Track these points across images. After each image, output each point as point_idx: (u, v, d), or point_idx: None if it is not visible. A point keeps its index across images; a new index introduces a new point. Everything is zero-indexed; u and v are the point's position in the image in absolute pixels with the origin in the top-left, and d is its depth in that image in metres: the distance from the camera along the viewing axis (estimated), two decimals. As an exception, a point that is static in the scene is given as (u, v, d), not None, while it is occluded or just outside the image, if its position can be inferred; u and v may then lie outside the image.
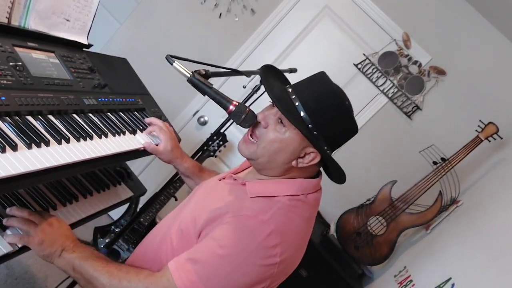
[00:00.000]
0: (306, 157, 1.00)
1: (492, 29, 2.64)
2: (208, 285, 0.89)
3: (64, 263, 0.96)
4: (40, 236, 0.96)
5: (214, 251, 0.91)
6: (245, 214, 0.95)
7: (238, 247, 0.91)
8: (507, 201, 1.89)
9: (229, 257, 0.90)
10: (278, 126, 0.99)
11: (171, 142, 1.31)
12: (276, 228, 0.93)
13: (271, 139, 0.99)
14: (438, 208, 2.38)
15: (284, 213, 0.97)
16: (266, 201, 0.98)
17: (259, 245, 0.91)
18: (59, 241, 0.97)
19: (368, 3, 2.76)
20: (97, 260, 0.96)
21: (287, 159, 1.00)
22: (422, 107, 2.76)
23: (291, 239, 0.97)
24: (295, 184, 1.02)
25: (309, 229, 1.08)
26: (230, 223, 0.94)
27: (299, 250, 1.04)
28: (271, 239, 0.92)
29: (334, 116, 0.99)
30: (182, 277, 0.89)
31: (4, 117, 0.93)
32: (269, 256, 0.92)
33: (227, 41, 2.89)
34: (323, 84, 1.01)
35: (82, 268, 0.94)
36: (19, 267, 2.27)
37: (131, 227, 2.41)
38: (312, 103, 0.97)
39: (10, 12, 1.11)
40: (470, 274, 1.65)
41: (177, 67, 1.04)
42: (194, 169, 1.38)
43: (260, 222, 0.93)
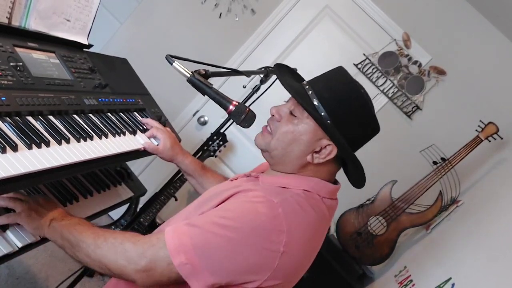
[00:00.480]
0: (323, 151, 0.95)
1: (492, 29, 2.64)
2: (200, 253, 0.82)
3: (53, 233, 0.94)
4: (27, 210, 0.97)
5: (214, 220, 0.85)
6: (255, 193, 0.90)
7: (241, 220, 0.85)
8: (508, 201, 1.89)
9: (229, 229, 0.83)
10: (291, 117, 0.97)
11: (169, 140, 1.32)
12: (284, 213, 0.86)
13: (284, 131, 0.97)
14: (438, 208, 2.38)
15: (297, 202, 0.91)
16: (277, 189, 0.94)
17: (263, 224, 0.84)
18: (47, 212, 0.97)
19: (368, 3, 2.76)
20: (83, 224, 0.94)
21: (301, 152, 0.96)
22: (422, 107, 2.76)
23: (301, 233, 0.89)
24: (310, 182, 0.97)
25: (321, 231, 0.99)
26: (237, 198, 0.90)
27: (307, 251, 0.95)
28: (277, 222, 0.85)
29: (349, 106, 0.96)
30: (174, 237, 0.84)
31: (5, 117, 0.93)
32: (272, 241, 0.84)
33: (227, 41, 2.90)
34: (339, 77, 1.00)
35: (69, 233, 0.91)
36: (20, 267, 2.27)
37: (131, 227, 2.41)
38: (325, 93, 0.95)
39: (10, 12, 1.11)
40: (470, 274, 1.65)
41: (177, 67, 1.04)
42: (196, 166, 1.37)
43: (269, 202, 0.87)
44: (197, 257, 0.82)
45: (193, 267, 0.82)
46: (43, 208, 0.99)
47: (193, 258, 0.82)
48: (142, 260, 0.84)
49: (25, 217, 0.97)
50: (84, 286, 2.38)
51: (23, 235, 1.01)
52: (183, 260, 0.82)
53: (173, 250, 0.83)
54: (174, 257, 0.82)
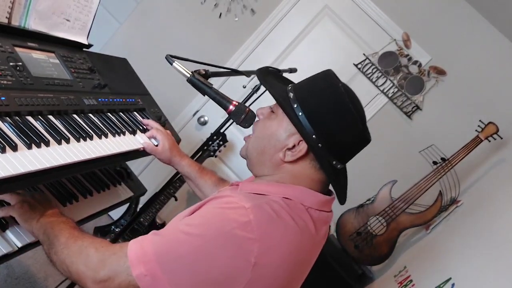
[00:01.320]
0: (295, 148, 0.90)
1: (492, 29, 2.64)
2: (161, 264, 0.75)
3: (39, 228, 0.94)
4: (21, 203, 0.98)
5: (180, 228, 0.79)
6: (227, 199, 0.83)
7: (207, 227, 0.78)
8: (507, 201, 1.89)
9: (193, 236, 0.77)
10: (270, 114, 0.97)
11: (168, 142, 1.32)
12: (256, 220, 0.78)
13: (260, 127, 0.98)
14: (438, 208, 2.38)
15: (272, 209, 0.82)
16: (253, 195, 0.87)
17: (231, 231, 0.76)
18: (39, 207, 0.98)
19: (368, 3, 2.76)
20: (66, 224, 0.93)
21: (273, 147, 0.92)
22: (422, 107, 2.76)
23: (276, 243, 0.80)
24: (294, 190, 0.89)
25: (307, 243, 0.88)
26: (209, 204, 0.84)
27: (289, 266, 0.83)
28: (248, 229, 0.76)
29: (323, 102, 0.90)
30: (137, 247, 0.78)
31: (4, 117, 0.93)
32: (241, 249, 0.76)
33: (227, 41, 2.90)
34: (321, 75, 0.97)
35: (51, 230, 0.91)
36: (19, 267, 2.27)
37: (131, 227, 2.41)
38: (301, 86, 0.95)
39: (10, 12, 1.11)
40: (470, 274, 1.65)
41: (177, 67, 1.04)
42: (193, 168, 1.37)
43: (240, 207, 0.79)
44: (158, 268, 0.75)
45: (153, 279, 0.75)
46: (37, 203, 1.00)
47: (153, 269, 0.75)
48: (102, 269, 0.79)
49: (17, 209, 0.98)
50: (83, 286, 2.38)
51: (22, 235, 1.01)
52: (143, 271, 0.75)
53: (134, 260, 0.76)
54: (134, 268, 0.76)
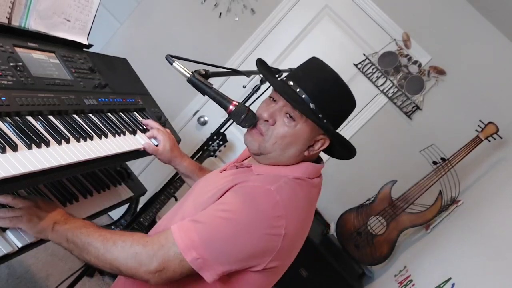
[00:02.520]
0: (316, 144, 1.03)
1: (492, 29, 2.64)
2: (208, 247, 0.88)
3: (58, 236, 0.95)
4: (27, 215, 0.96)
5: (217, 214, 0.91)
6: (251, 184, 0.95)
7: (242, 211, 0.90)
8: (507, 201, 1.89)
9: (233, 221, 0.90)
10: (287, 120, 0.99)
11: (169, 142, 1.32)
12: (281, 200, 0.92)
13: (282, 135, 1.00)
14: (438, 208, 2.38)
15: (290, 187, 0.97)
16: (272, 176, 0.99)
17: (264, 213, 0.90)
18: (48, 216, 0.97)
19: (368, 3, 2.76)
20: (89, 227, 0.95)
21: (299, 150, 1.02)
22: (422, 107, 2.76)
23: (296, 215, 0.96)
24: (301, 168, 1.03)
25: (311, 210, 1.08)
26: (236, 190, 0.95)
27: (301, 230, 1.03)
28: (277, 209, 0.91)
29: (337, 99, 1.02)
30: (182, 235, 0.89)
31: (5, 117, 0.94)
32: (274, 226, 0.91)
33: (227, 41, 2.90)
34: (321, 72, 1.05)
35: (75, 237, 0.92)
36: (20, 266, 2.27)
37: (131, 227, 2.41)
38: (317, 93, 1.00)
39: (10, 12, 1.11)
40: (470, 274, 1.65)
41: (177, 67, 1.04)
42: (194, 168, 1.38)
43: (267, 191, 0.93)
44: (206, 251, 0.88)
45: (204, 260, 0.88)
46: (43, 211, 0.98)
47: (203, 253, 0.87)
48: (154, 262, 0.88)
49: (26, 222, 0.96)
50: (84, 285, 2.38)
51: (23, 235, 1.01)
52: (195, 256, 0.87)
53: (184, 248, 0.88)
54: (186, 254, 0.87)
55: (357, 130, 2.81)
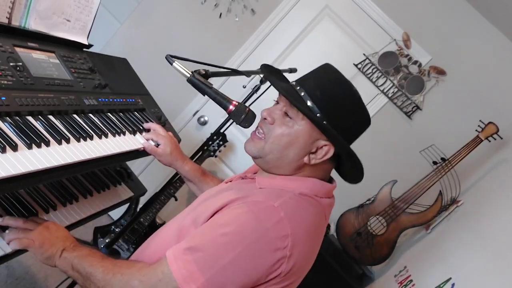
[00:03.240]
0: (319, 151, 0.95)
1: (492, 29, 2.64)
2: (208, 275, 0.81)
3: (64, 263, 0.94)
4: (40, 239, 0.95)
5: (215, 238, 0.84)
6: (253, 199, 0.88)
7: (243, 233, 0.83)
8: (507, 201, 1.89)
9: (232, 244, 0.82)
10: (285, 119, 0.96)
11: (170, 145, 1.31)
12: (286, 216, 0.84)
13: (279, 134, 0.95)
14: (438, 208, 2.38)
15: (296, 202, 0.90)
16: (276, 191, 0.92)
17: (267, 232, 0.82)
18: (59, 242, 0.96)
19: (368, 3, 2.76)
20: (93, 256, 0.93)
21: (297, 154, 0.95)
22: (422, 107, 2.76)
23: (304, 233, 0.88)
24: (307, 183, 0.96)
25: (322, 228, 0.99)
26: (236, 208, 0.88)
27: (311, 249, 0.94)
28: (281, 227, 0.83)
29: (342, 103, 0.95)
30: (180, 267, 0.82)
31: (5, 117, 0.93)
32: (278, 248, 0.83)
33: (227, 41, 2.90)
34: (326, 73, 0.99)
35: (80, 265, 0.92)
36: (19, 267, 2.27)
37: (131, 227, 2.41)
38: (317, 91, 0.94)
39: (10, 12, 1.11)
40: (470, 274, 1.65)
41: (177, 67, 1.04)
42: (195, 173, 1.36)
43: (270, 207, 0.85)
44: (206, 283, 0.81)
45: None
46: (54, 236, 0.97)
47: (203, 285, 0.81)
48: None
49: (38, 247, 0.95)
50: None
51: (23, 235, 1.01)
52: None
53: (182, 282, 0.81)
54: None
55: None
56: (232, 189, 0.99)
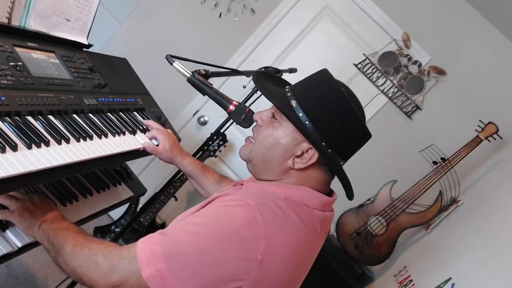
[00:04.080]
0: (304, 155, 0.90)
1: (492, 29, 2.64)
2: (170, 264, 0.77)
3: (41, 235, 0.93)
4: (20, 209, 0.97)
5: (187, 228, 0.81)
6: (231, 197, 0.85)
7: (214, 226, 0.79)
8: (507, 201, 1.89)
9: (201, 236, 0.78)
10: (272, 121, 0.95)
11: (169, 141, 1.31)
12: (262, 218, 0.79)
13: (264, 135, 0.94)
14: (438, 208, 2.38)
15: (278, 206, 0.84)
16: (260, 193, 0.89)
17: (238, 229, 0.78)
18: (40, 213, 0.97)
19: (368, 3, 2.76)
20: (69, 230, 0.92)
21: (281, 156, 0.92)
22: (422, 107, 2.76)
23: (283, 240, 0.81)
24: (297, 190, 0.91)
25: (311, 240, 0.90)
26: (214, 203, 0.86)
27: (292, 262, 0.84)
28: (254, 227, 0.78)
29: (329, 106, 0.90)
30: (145, 248, 0.79)
31: (4, 117, 0.93)
32: (247, 248, 0.77)
33: (227, 41, 2.90)
34: (319, 77, 0.96)
35: (54, 238, 0.90)
36: (19, 266, 2.27)
37: (131, 227, 2.41)
38: (303, 93, 0.92)
39: (10, 12, 1.11)
40: (470, 274, 1.65)
41: (177, 67, 1.04)
42: (195, 167, 1.37)
43: (245, 205, 0.81)
44: (167, 268, 0.77)
45: (162, 279, 0.76)
46: (37, 208, 0.99)
47: (162, 270, 0.77)
48: (113, 275, 0.80)
49: (17, 216, 0.97)
50: (83, 286, 2.38)
51: (22, 235, 1.01)
52: (152, 272, 0.77)
53: (143, 262, 0.78)
54: (144, 269, 0.77)
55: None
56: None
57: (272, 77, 1.10)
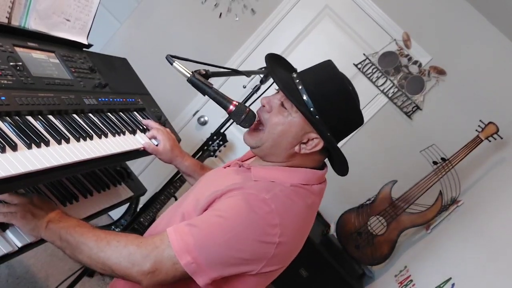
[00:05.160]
0: (309, 143, 1.00)
1: (492, 29, 2.64)
2: (203, 251, 0.88)
3: (51, 234, 0.94)
4: (22, 212, 0.96)
5: (213, 220, 0.92)
6: (247, 191, 0.95)
7: (237, 218, 0.91)
8: (507, 201, 1.89)
9: (227, 227, 0.90)
10: (281, 109, 1.01)
11: (169, 142, 1.32)
12: (276, 208, 0.93)
13: (275, 122, 1.01)
14: (438, 208, 2.38)
15: (286, 195, 0.97)
16: (268, 183, 0.99)
17: (258, 220, 0.91)
18: (43, 213, 0.97)
19: (368, 3, 2.76)
20: (83, 226, 0.95)
21: (289, 143, 1.01)
22: (422, 107, 2.76)
23: (292, 223, 0.97)
24: (299, 173, 1.03)
25: (311, 216, 1.07)
26: (232, 197, 0.95)
27: (298, 237, 1.04)
28: (272, 217, 0.92)
29: (336, 101, 1.00)
30: (178, 238, 0.89)
31: (4, 117, 0.93)
32: (268, 234, 0.92)
33: (227, 41, 2.90)
34: (326, 71, 1.03)
35: (69, 235, 0.92)
36: (20, 266, 2.27)
37: (131, 227, 2.41)
38: (314, 87, 0.99)
39: (10, 12, 1.11)
40: (470, 274, 1.65)
41: (177, 67, 1.04)
42: (195, 167, 1.38)
43: (262, 199, 0.93)
44: (200, 256, 0.88)
45: (197, 265, 0.88)
46: (38, 209, 0.98)
47: (197, 257, 0.88)
48: (147, 262, 0.88)
49: (20, 218, 0.96)
50: (84, 285, 2.38)
51: (23, 235, 1.01)
52: (189, 260, 0.88)
53: (179, 251, 0.88)
54: (181, 257, 0.88)
55: (357, 130, 2.81)
56: (230, 176, 1.07)
57: (281, 61, 1.16)
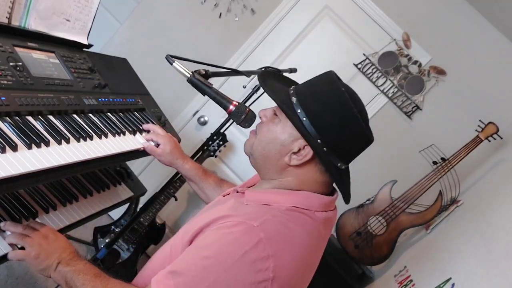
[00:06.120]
0: (300, 152, 0.92)
1: (492, 29, 2.64)
2: None
3: (58, 277, 0.94)
4: (36, 250, 0.95)
5: (196, 261, 0.83)
6: (234, 219, 0.86)
7: (222, 256, 0.81)
8: (507, 201, 1.89)
9: (213, 268, 0.80)
10: (273, 117, 0.98)
11: (169, 144, 1.31)
12: (267, 237, 0.82)
13: (265, 130, 0.98)
14: (438, 208, 2.38)
15: (280, 221, 0.86)
16: (261, 207, 0.90)
17: (245, 255, 0.80)
18: (55, 254, 0.96)
19: (368, 3, 2.76)
20: (86, 274, 0.93)
21: (278, 152, 0.94)
22: (422, 107, 2.76)
23: (289, 253, 0.85)
24: (298, 196, 0.93)
25: (315, 245, 0.94)
26: (216, 229, 0.86)
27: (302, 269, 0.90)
28: (261, 249, 0.80)
29: (327, 104, 0.91)
30: None
31: (4, 117, 0.94)
32: (259, 270, 0.80)
33: (227, 41, 2.90)
34: (322, 77, 0.99)
35: (72, 281, 0.92)
36: (19, 267, 2.27)
37: (131, 227, 2.41)
38: (304, 91, 0.95)
39: (10, 12, 1.11)
40: (470, 274, 1.65)
41: (177, 67, 1.04)
42: (196, 171, 1.36)
43: (249, 228, 0.83)
44: None
45: None
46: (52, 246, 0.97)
47: None
48: None
49: (33, 259, 0.95)
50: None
51: (22, 235, 1.01)
52: None
53: None
54: None
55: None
56: (224, 205, 0.99)
57: (280, 77, 1.13)
